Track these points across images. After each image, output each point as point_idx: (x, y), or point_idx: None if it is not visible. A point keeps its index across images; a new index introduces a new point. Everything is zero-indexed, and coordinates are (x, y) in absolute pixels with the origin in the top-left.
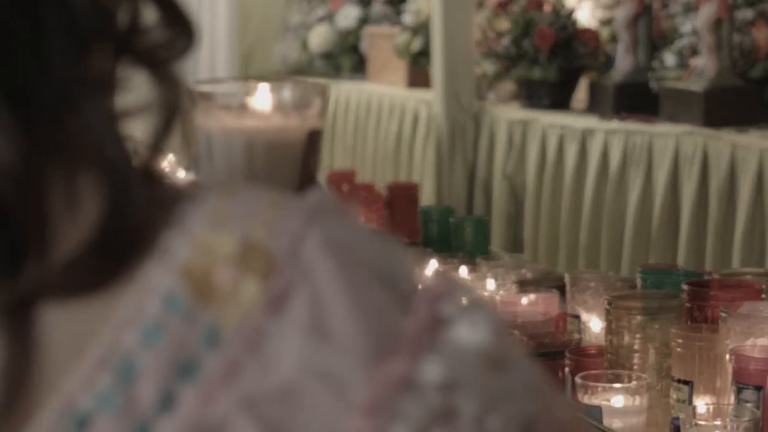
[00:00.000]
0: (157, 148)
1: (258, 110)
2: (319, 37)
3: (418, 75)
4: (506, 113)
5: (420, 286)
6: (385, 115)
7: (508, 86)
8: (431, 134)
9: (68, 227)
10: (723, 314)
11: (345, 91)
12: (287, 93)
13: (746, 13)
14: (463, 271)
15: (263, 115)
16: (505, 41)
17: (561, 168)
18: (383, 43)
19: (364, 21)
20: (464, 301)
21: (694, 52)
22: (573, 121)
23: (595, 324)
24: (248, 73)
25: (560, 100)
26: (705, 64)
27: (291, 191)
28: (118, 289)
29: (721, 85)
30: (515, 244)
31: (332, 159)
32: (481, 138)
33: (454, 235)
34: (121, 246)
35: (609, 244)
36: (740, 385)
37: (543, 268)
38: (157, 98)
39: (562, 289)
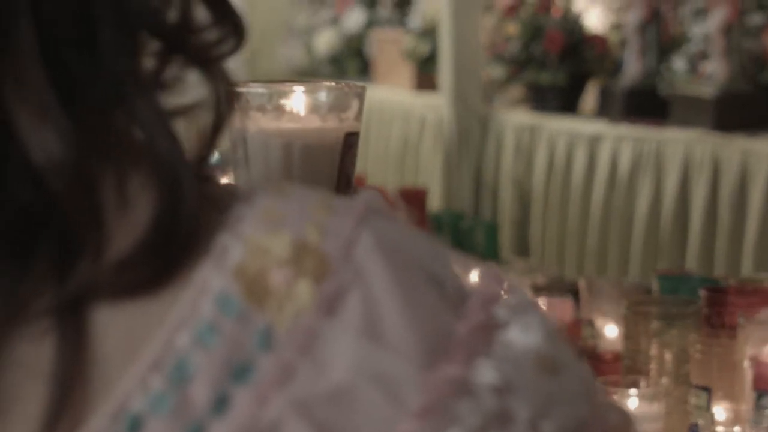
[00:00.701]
0: (208, 147)
1: (295, 112)
2: (324, 41)
3: (425, 79)
4: (514, 118)
5: (471, 289)
6: (392, 118)
7: (516, 91)
8: (438, 138)
9: (121, 226)
10: (741, 320)
11: None
12: (324, 95)
13: (756, 18)
14: (475, 275)
15: (300, 117)
16: (514, 45)
17: (569, 173)
18: (390, 46)
19: (369, 24)
20: (516, 303)
21: (704, 56)
22: (581, 126)
23: (610, 330)
24: (253, 76)
25: (569, 105)
26: (715, 68)
27: (329, 193)
28: (172, 290)
29: (731, 90)
30: (522, 249)
31: None
32: (488, 142)
33: (465, 239)
34: (174, 246)
35: (618, 249)
36: (760, 391)
37: (555, 274)
38: (209, 97)
39: (574, 294)
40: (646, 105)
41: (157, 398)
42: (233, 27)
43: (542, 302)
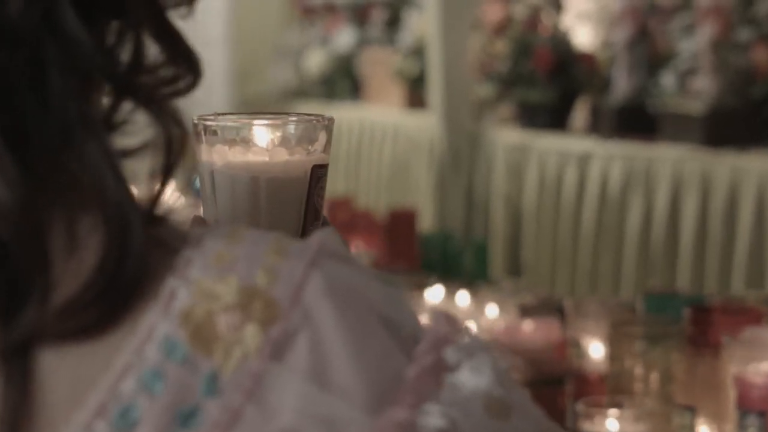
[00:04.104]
0: (159, 187)
1: (262, 145)
2: (315, 61)
3: (416, 97)
4: (504, 136)
5: (423, 331)
6: (383, 138)
7: (506, 109)
8: (429, 157)
9: (69, 269)
10: (725, 339)
11: (342, 114)
12: (292, 128)
13: (744, 33)
14: (464, 296)
15: (268, 150)
16: (503, 64)
17: (560, 191)
18: (380, 66)
19: (359, 43)
20: (467, 345)
21: (693, 73)
22: (571, 144)
23: (596, 350)
24: (243, 98)
25: (558, 123)
26: (704, 84)
27: (296, 227)
28: (118, 335)
29: (720, 106)
30: (514, 268)
31: (330, 183)
32: (479, 161)
33: (455, 260)
34: (121, 290)
35: (609, 267)
36: (743, 410)
37: (544, 293)
38: (159, 137)
39: (561, 314)
40: (636, 122)
41: None
42: (188, 66)
43: (529, 323)
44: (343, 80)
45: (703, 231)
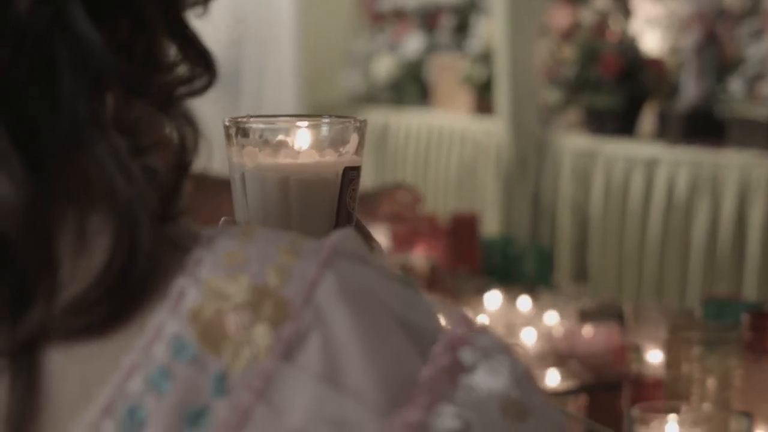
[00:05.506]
0: (173, 187)
1: (294, 147)
2: (384, 67)
3: (483, 103)
4: (571, 142)
5: (440, 332)
6: (451, 143)
7: (573, 115)
8: (497, 163)
9: (78, 268)
10: None
11: (410, 120)
12: (324, 129)
13: None
14: (525, 301)
15: (299, 151)
16: (570, 69)
17: (627, 196)
18: (449, 72)
19: (428, 50)
20: (485, 346)
21: (761, 78)
22: (638, 150)
23: (654, 355)
24: (313, 103)
25: (626, 128)
26: None
27: (327, 229)
28: (127, 334)
29: None
30: (581, 273)
31: None
32: (545, 167)
33: (516, 265)
34: (129, 289)
35: (676, 273)
36: None
37: (605, 298)
38: (172, 137)
39: (620, 319)
40: (704, 127)
41: None
42: (204, 66)
43: (589, 328)
44: (412, 86)
45: None
